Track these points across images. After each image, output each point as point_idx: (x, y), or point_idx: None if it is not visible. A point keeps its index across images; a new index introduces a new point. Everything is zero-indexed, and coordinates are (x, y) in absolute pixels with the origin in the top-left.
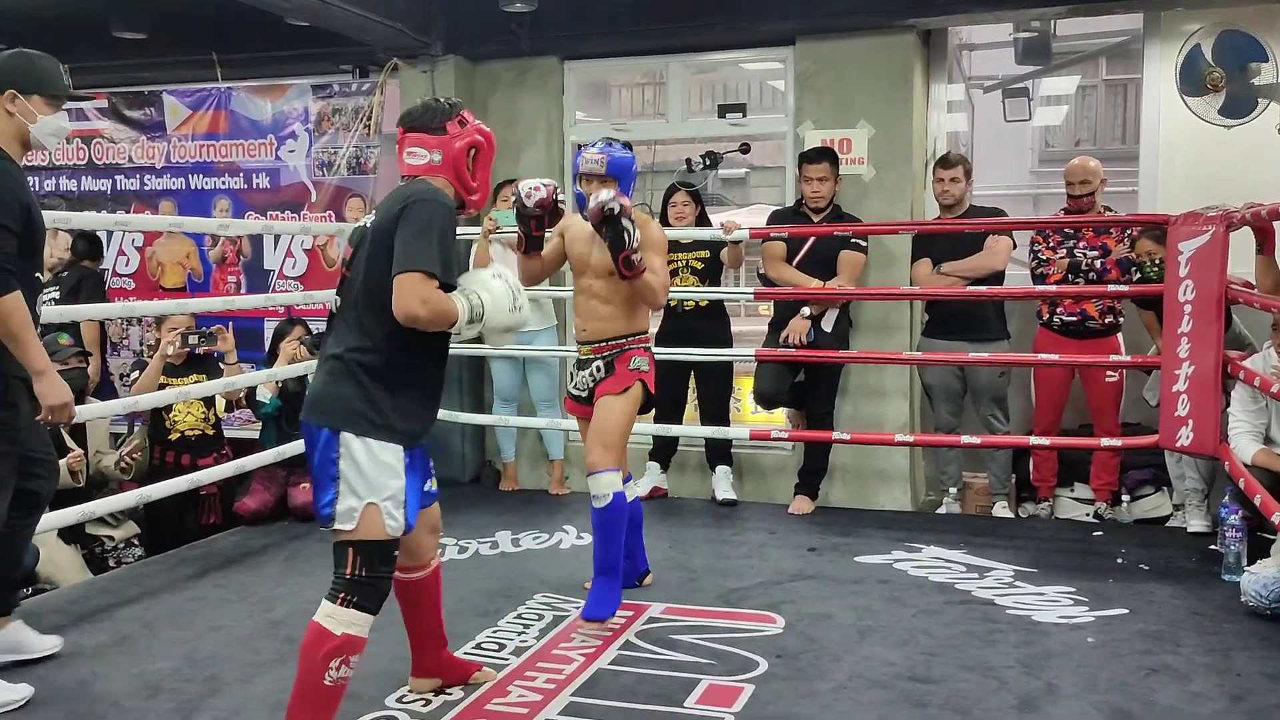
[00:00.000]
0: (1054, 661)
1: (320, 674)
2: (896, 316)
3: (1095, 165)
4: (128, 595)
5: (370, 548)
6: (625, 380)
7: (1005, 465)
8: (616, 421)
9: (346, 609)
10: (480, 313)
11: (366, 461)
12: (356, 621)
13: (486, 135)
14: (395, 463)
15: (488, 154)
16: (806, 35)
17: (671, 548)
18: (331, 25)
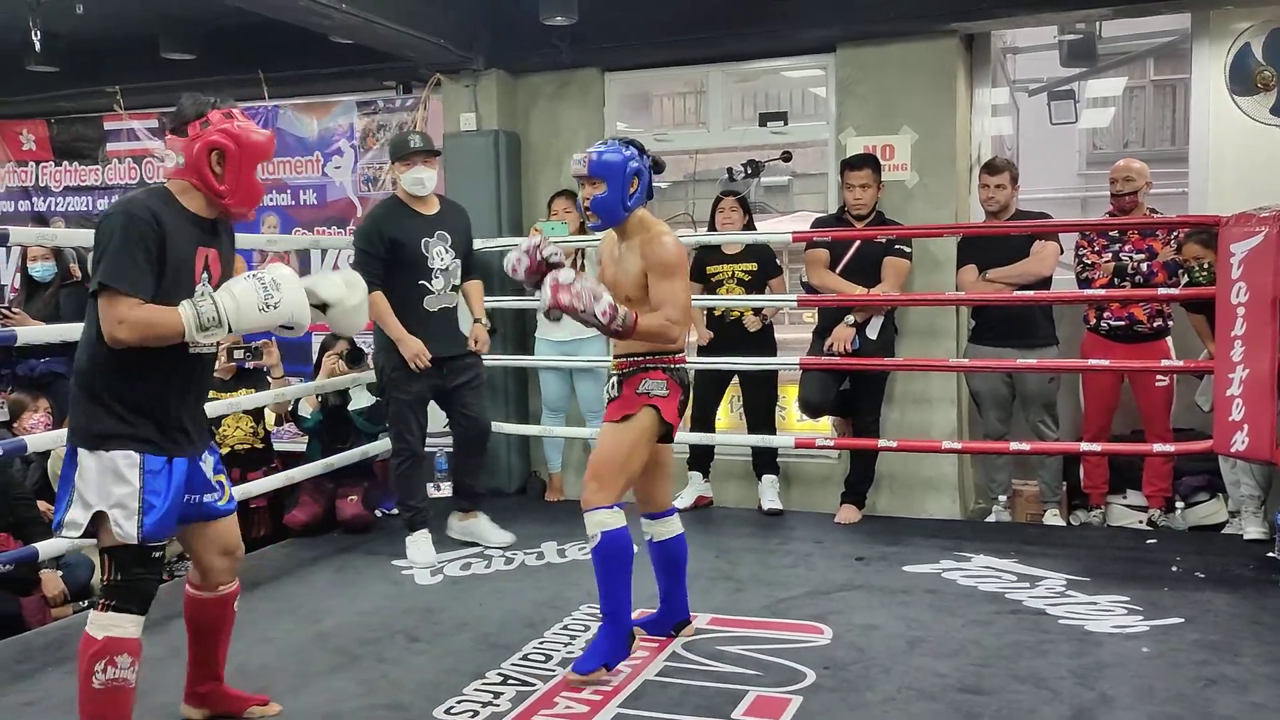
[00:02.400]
0: (1108, 672)
1: (88, 678)
2: (943, 323)
3: (1139, 165)
4: (181, 607)
5: (118, 551)
6: (629, 405)
7: (1056, 472)
8: (611, 453)
9: (105, 613)
10: (218, 318)
11: (95, 471)
12: (118, 623)
13: (235, 136)
14: (127, 470)
15: (240, 155)
16: (848, 41)
17: (717, 557)
18: (376, 42)
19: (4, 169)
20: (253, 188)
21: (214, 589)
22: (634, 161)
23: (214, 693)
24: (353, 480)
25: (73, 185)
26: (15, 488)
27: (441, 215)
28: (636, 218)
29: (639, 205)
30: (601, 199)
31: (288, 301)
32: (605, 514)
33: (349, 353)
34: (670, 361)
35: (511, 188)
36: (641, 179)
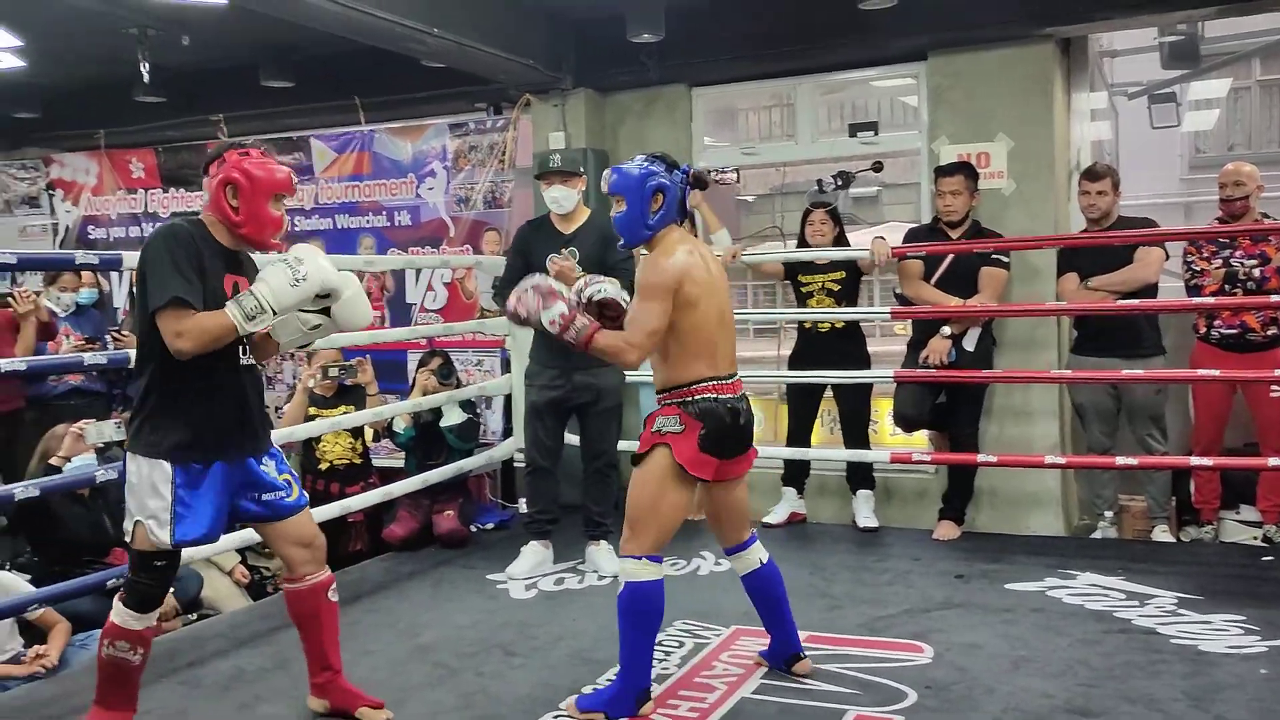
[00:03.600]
0: (1224, 694)
1: (100, 647)
2: (1043, 333)
3: (1250, 169)
4: (285, 620)
5: (134, 555)
6: (642, 446)
7: (1164, 487)
8: (636, 497)
9: (118, 602)
10: (260, 305)
11: (136, 480)
12: (122, 614)
13: (246, 171)
14: (161, 484)
15: (251, 188)
16: (939, 49)
17: (812, 574)
18: (467, 65)
19: (116, 196)
20: (265, 218)
21: (302, 580)
22: (655, 178)
23: (331, 684)
24: (448, 495)
25: (179, 211)
26: None
27: (578, 232)
28: (663, 238)
29: (665, 224)
30: (620, 217)
31: (312, 270)
32: (633, 564)
33: (441, 368)
34: (685, 395)
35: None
36: (667, 195)
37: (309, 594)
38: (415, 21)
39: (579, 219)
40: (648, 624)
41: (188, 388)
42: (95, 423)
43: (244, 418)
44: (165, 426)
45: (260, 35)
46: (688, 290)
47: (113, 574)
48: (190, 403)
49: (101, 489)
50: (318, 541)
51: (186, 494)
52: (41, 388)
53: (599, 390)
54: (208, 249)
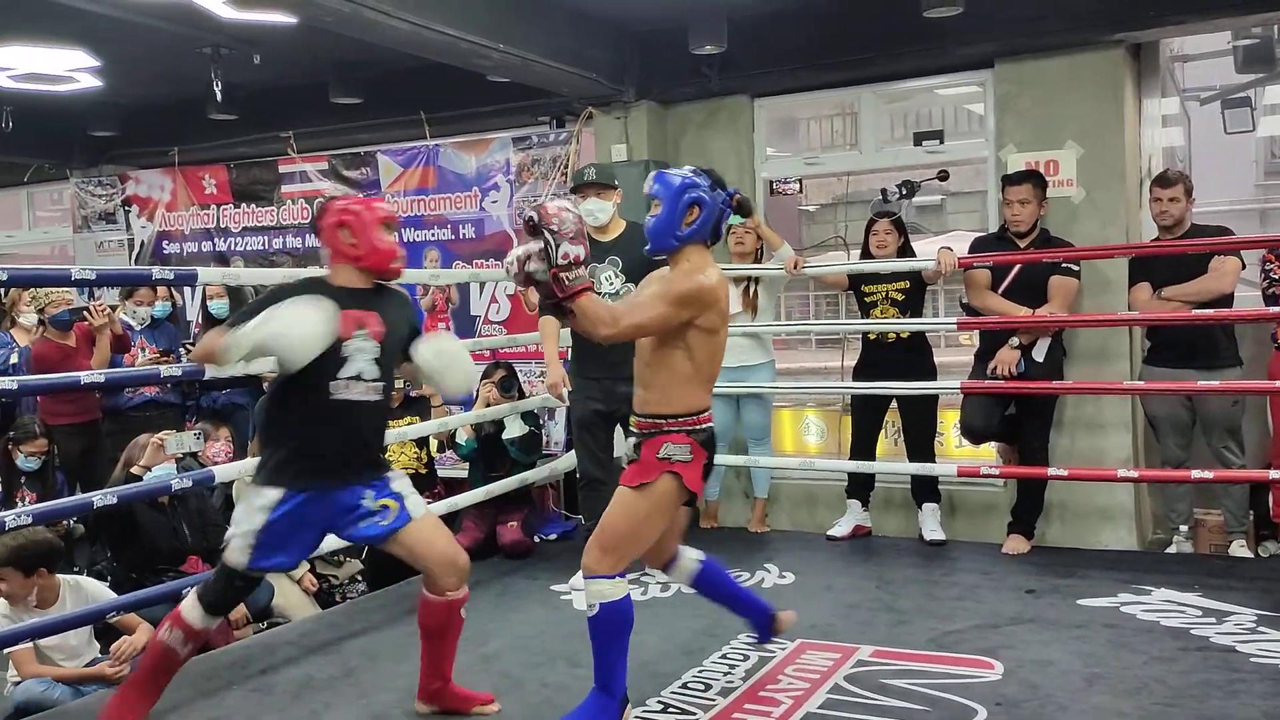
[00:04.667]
0: None
1: (157, 629)
2: (1115, 344)
3: None
4: (353, 629)
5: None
6: (649, 472)
7: (1241, 501)
8: (623, 521)
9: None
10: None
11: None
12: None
13: (349, 209)
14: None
15: (359, 221)
16: (1006, 56)
17: (879, 588)
18: (531, 79)
19: (189, 212)
20: (383, 246)
21: (441, 594)
22: (696, 191)
23: (442, 691)
24: (513, 506)
25: (250, 226)
26: (211, 513)
27: (617, 241)
28: (693, 254)
29: (694, 240)
30: (652, 221)
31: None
32: (606, 584)
33: (503, 380)
34: (694, 423)
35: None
36: (703, 209)
37: (442, 608)
38: (480, 37)
39: (615, 230)
40: (620, 639)
41: (293, 415)
42: (175, 433)
43: (346, 449)
44: (272, 449)
45: (329, 53)
46: (712, 317)
47: (189, 582)
48: (289, 433)
49: (181, 498)
50: (460, 560)
51: (277, 525)
52: (118, 399)
53: None
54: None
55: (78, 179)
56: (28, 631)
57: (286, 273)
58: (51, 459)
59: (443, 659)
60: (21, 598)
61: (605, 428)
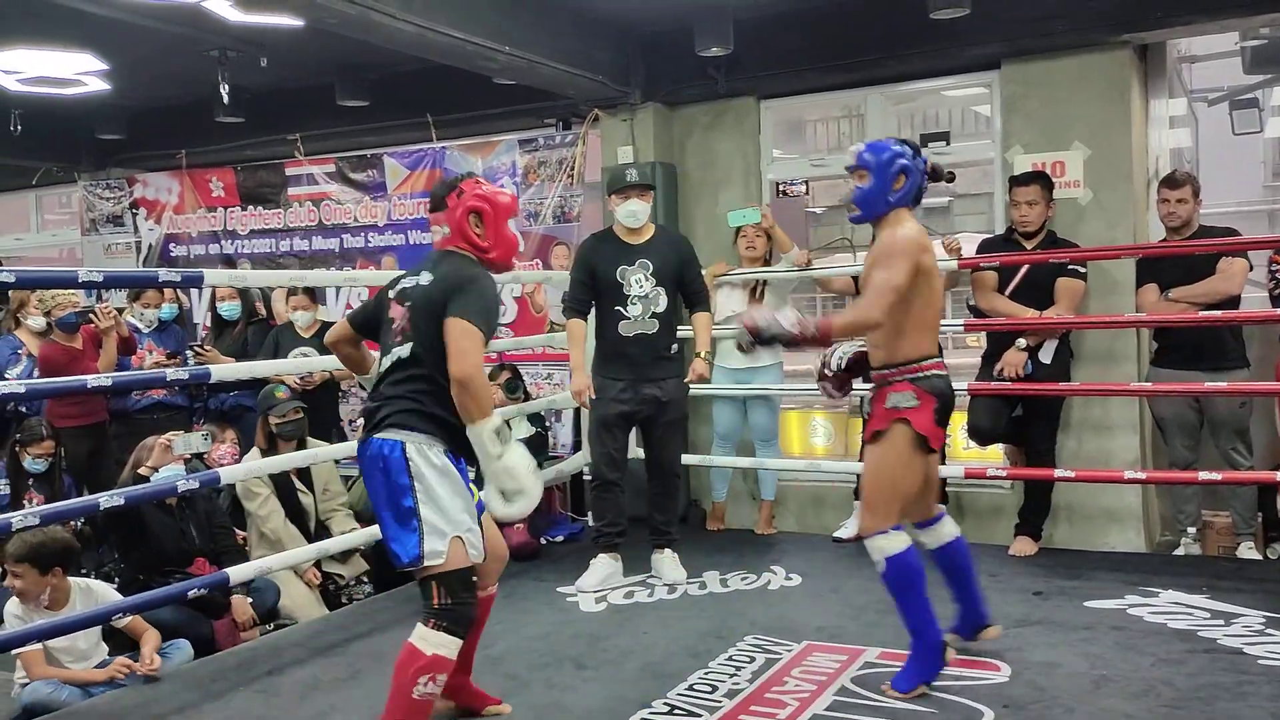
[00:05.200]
0: None
1: (409, 687)
2: (1122, 346)
3: None
4: (359, 630)
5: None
6: (879, 422)
7: (1250, 502)
8: (876, 477)
9: (437, 632)
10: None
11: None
12: (445, 644)
13: (487, 198)
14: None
15: (495, 213)
16: (1013, 58)
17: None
18: (537, 82)
19: (196, 215)
20: (510, 240)
21: (484, 589)
22: (903, 159)
23: (462, 687)
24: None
25: (258, 229)
26: (218, 515)
27: (648, 244)
28: (893, 215)
29: (902, 204)
30: (862, 191)
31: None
32: (883, 539)
33: (508, 382)
34: (916, 370)
35: (669, 219)
36: (909, 178)
37: (484, 603)
38: (487, 40)
39: (647, 232)
40: (917, 587)
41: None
42: (183, 434)
43: None
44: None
45: (335, 55)
46: (926, 261)
47: (195, 584)
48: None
49: (189, 500)
50: (505, 554)
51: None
52: (124, 401)
53: (666, 402)
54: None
55: (85, 182)
56: (37, 632)
57: (292, 275)
58: (59, 461)
59: (467, 654)
60: (34, 596)
61: (625, 429)
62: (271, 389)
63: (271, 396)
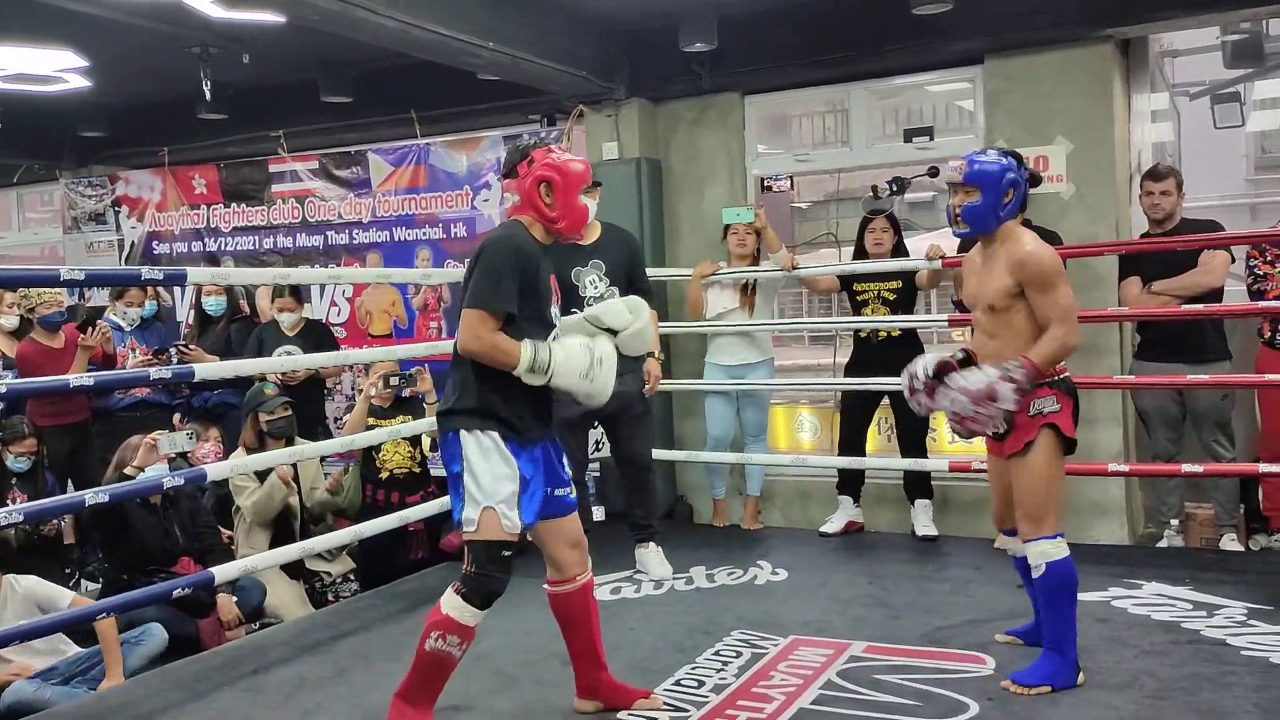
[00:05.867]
0: None
1: (424, 639)
2: (1105, 339)
3: None
4: (346, 629)
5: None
6: (1028, 431)
7: (1232, 494)
8: (1032, 486)
9: (456, 596)
10: (544, 366)
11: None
12: (460, 609)
13: (558, 167)
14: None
15: (564, 183)
16: (995, 52)
17: (871, 584)
18: (522, 78)
19: (179, 212)
20: (579, 210)
21: (572, 580)
22: (1011, 173)
23: (601, 683)
24: None
25: (241, 226)
26: (203, 515)
27: (597, 244)
28: (1005, 228)
29: (1011, 217)
30: (973, 207)
31: (601, 382)
32: (1047, 545)
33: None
34: (1054, 374)
35: (654, 215)
36: (1017, 190)
37: (579, 594)
38: (470, 35)
39: (595, 231)
40: (1069, 597)
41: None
42: (169, 433)
43: (547, 400)
44: (498, 405)
45: (319, 52)
46: None
47: (179, 583)
48: (515, 384)
49: (173, 499)
50: (584, 542)
51: (528, 476)
52: (107, 400)
53: (625, 398)
54: (533, 250)
55: (67, 180)
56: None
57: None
58: (41, 459)
59: (593, 646)
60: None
61: (586, 429)
62: (260, 386)
63: (261, 394)
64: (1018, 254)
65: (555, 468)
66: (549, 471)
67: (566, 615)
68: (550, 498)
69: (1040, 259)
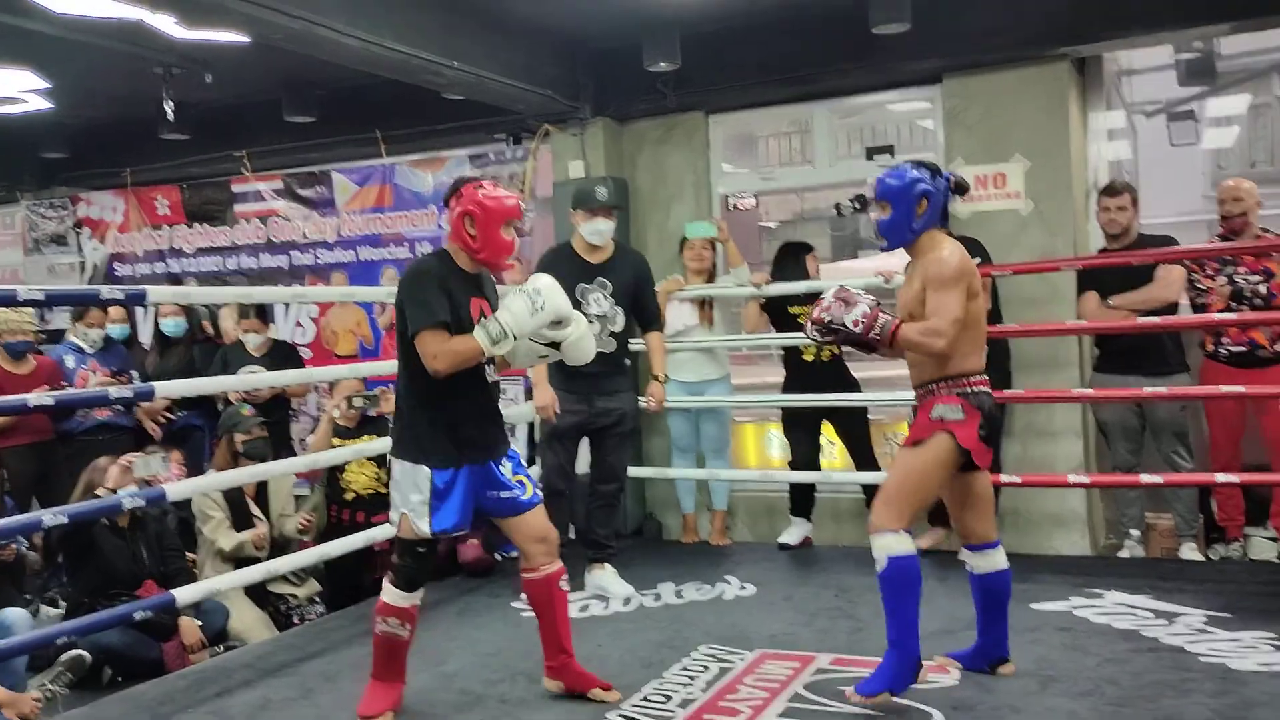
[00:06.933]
0: (1256, 712)
1: (374, 624)
2: (1064, 352)
3: (1249, 185)
4: (311, 650)
5: (400, 542)
6: (922, 431)
7: (1191, 504)
8: (901, 478)
9: (387, 584)
10: (504, 330)
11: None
12: (390, 593)
13: (480, 202)
14: (421, 482)
15: (485, 218)
16: (954, 71)
17: (837, 596)
18: (486, 97)
19: (141, 233)
20: (499, 243)
21: (537, 570)
22: (923, 183)
23: (565, 667)
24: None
25: (204, 246)
26: (168, 537)
27: (607, 263)
28: (926, 239)
29: (929, 227)
30: (886, 221)
31: (549, 300)
32: (892, 539)
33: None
34: (966, 385)
35: (621, 233)
36: (931, 201)
37: (543, 582)
38: (433, 54)
39: (608, 250)
40: (911, 595)
41: (447, 403)
42: (143, 456)
43: (486, 427)
44: (424, 435)
45: (282, 71)
46: (974, 283)
47: (141, 606)
48: (444, 415)
49: (141, 522)
50: (551, 536)
51: (441, 492)
52: (69, 423)
53: (620, 414)
54: (454, 277)
55: (28, 201)
56: None
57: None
58: (1, 483)
59: (559, 632)
60: None
61: (576, 441)
62: (237, 408)
63: (237, 415)
64: (929, 258)
65: (492, 478)
66: (483, 482)
67: (533, 600)
68: (496, 500)
69: (945, 261)
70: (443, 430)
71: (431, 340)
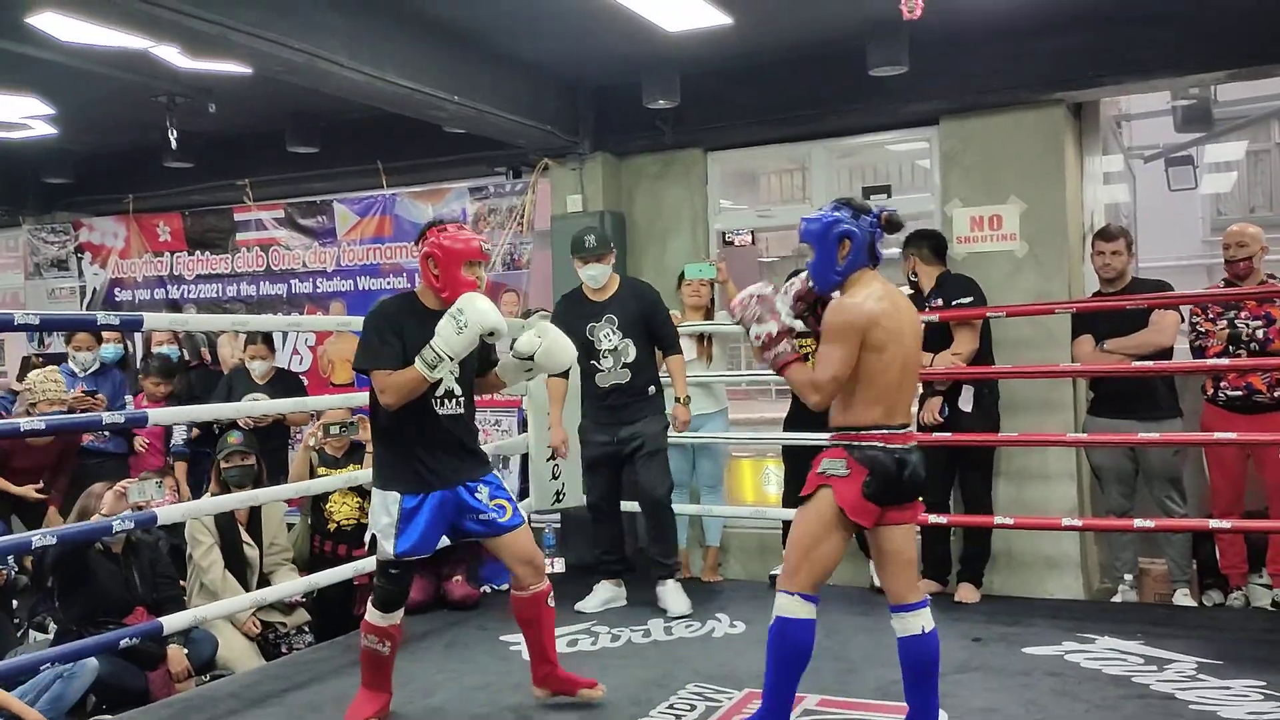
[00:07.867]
0: None
1: (361, 640)
2: (1058, 395)
3: (1254, 230)
4: (298, 680)
5: (378, 564)
6: (808, 485)
7: (1184, 550)
8: (795, 536)
9: (369, 604)
10: (437, 355)
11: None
12: (371, 612)
13: (440, 245)
14: (390, 506)
15: (445, 259)
16: (951, 114)
17: (827, 636)
18: (487, 131)
19: (142, 259)
20: (460, 282)
21: (526, 589)
22: (843, 224)
23: (550, 675)
24: (456, 558)
25: (204, 274)
26: (162, 563)
27: (612, 299)
28: (854, 282)
29: (855, 269)
30: (811, 265)
31: (471, 316)
32: (786, 600)
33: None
34: (856, 439)
35: (618, 267)
36: (855, 241)
37: (530, 601)
38: (436, 89)
39: (611, 288)
40: (794, 660)
41: (403, 434)
42: (138, 481)
43: (442, 455)
44: (389, 463)
45: (285, 102)
46: (874, 335)
47: (127, 633)
48: (406, 445)
49: (134, 548)
50: (537, 559)
51: (408, 516)
52: None
53: (642, 437)
54: (414, 315)
55: (30, 225)
56: None
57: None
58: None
59: (545, 646)
60: None
61: (609, 469)
62: (226, 435)
63: (224, 442)
64: (830, 306)
65: (464, 503)
66: (456, 509)
67: (521, 617)
68: (475, 523)
69: (838, 311)
70: (401, 458)
71: (378, 377)
